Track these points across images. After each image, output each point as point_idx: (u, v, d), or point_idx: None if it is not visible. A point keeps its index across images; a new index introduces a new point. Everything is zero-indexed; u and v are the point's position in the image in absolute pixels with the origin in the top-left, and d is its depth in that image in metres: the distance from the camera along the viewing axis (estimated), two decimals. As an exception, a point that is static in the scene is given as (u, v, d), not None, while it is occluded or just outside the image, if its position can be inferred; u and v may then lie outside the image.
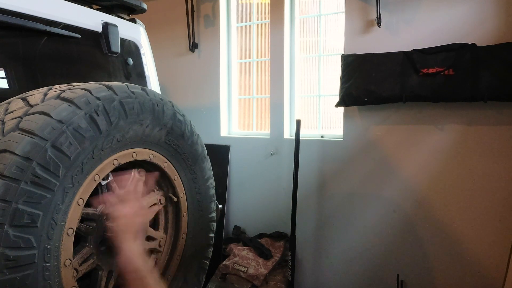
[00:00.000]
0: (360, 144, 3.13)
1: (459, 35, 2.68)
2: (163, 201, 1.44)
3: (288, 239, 3.31)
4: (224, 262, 3.26)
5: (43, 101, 0.99)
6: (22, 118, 0.94)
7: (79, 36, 1.56)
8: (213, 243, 1.69)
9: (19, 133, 0.90)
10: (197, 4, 3.75)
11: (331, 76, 3.37)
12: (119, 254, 1.04)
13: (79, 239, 1.11)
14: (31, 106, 0.98)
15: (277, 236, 3.46)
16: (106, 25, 1.66)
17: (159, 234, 1.45)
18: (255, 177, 3.62)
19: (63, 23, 1.50)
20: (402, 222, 3.02)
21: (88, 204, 1.11)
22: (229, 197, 3.75)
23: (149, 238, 1.39)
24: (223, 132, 3.81)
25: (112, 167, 1.14)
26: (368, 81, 2.85)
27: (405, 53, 2.75)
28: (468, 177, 2.78)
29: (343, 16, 3.16)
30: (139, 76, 1.90)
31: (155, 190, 1.43)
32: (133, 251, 1.04)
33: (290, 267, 3.14)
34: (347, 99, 2.95)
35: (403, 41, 2.85)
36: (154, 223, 1.45)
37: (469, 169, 2.77)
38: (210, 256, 1.68)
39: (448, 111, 2.79)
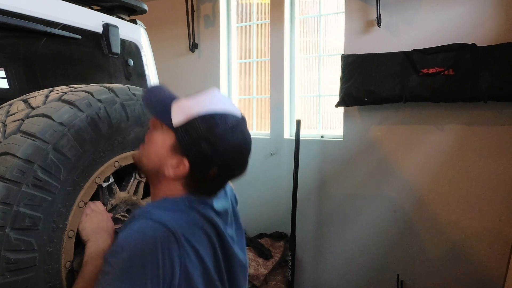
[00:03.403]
0: (360, 144, 3.13)
1: (459, 35, 2.68)
2: (164, 202, 1.44)
3: (288, 239, 3.31)
4: (224, 262, 3.26)
5: (44, 103, 0.99)
6: (23, 121, 0.93)
7: (80, 37, 1.55)
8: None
9: (20, 136, 0.89)
10: (197, 4, 3.75)
11: (331, 76, 3.37)
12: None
13: (80, 242, 1.11)
14: (33, 108, 0.97)
15: (277, 236, 3.46)
16: (106, 26, 1.66)
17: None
18: (255, 177, 3.62)
19: (63, 24, 1.50)
20: (402, 222, 3.03)
21: None
22: (229, 197, 3.74)
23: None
24: (223, 132, 3.80)
25: (113, 169, 1.14)
26: (368, 81, 2.85)
27: (405, 53, 2.75)
28: (468, 177, 2.78)
29: (343, 16, 3.16)
30: (140, 77, 1.90)
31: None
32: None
33: (290, 267, 3.14)
34: (347, 99, 2.95)
35: (403, 41, 2.85)
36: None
37: (469, 169, 2.77)
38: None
39: (448, 111, 2.79)
